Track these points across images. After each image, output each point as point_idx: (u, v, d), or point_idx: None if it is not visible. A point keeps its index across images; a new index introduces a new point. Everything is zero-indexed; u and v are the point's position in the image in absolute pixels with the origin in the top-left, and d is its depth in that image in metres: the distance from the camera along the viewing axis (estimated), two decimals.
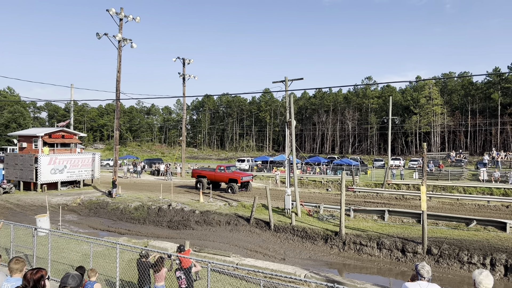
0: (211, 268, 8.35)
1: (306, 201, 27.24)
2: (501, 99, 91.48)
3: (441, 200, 30.16)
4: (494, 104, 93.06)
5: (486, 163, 51.46)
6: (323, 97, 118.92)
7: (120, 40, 33.49)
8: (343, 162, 54.81)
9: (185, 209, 25.77)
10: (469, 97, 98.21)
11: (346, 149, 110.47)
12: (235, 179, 33.53)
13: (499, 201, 28.43)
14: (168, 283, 10.10)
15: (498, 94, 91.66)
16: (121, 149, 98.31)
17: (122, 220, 26.23)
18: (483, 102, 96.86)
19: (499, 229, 19.45)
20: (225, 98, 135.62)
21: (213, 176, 34.76)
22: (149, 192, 33.88)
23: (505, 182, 37.40)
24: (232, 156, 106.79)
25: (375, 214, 23.44)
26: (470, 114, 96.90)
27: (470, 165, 59.16)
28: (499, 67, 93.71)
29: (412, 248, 17.17)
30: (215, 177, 34.68)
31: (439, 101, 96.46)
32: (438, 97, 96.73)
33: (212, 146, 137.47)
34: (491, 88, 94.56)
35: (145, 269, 9.49)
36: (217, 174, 34.59)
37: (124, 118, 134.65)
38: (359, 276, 15.49)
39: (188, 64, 47.68)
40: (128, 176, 49.55)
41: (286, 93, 25.69)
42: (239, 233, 21.82)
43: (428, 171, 42.54)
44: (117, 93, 33.59)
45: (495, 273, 14.76)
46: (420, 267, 5.16)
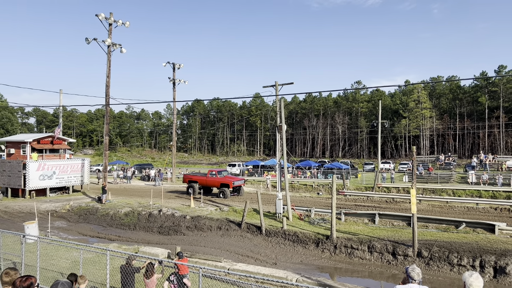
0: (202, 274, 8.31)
1: (297, 205, 27.25)
2: (488, 102, 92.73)
3: (431, 203, 30.40)
4: (481, 107, 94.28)
5: (474, 166, 52.07)
6: (313, 102, 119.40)
7: (110, 45, 33.33)
8: (333, 166, 55.06)
9: (176, 214, 25.63)
10: (457, 101, 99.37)
11: (337, 153, 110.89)
12: (227, 184, 33.42)
13: (487, 203, 28.75)
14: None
15: (485, 97, 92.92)
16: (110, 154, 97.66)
17: (112, 226, 25.99)
18: (470, 106, 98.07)
19: (488, 231, 19.66)
20: (216, 103, 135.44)
21: (205, 181, 34.62)
22: (139, 197, 33.64)
23: (493, 184, 37.87)
24: (223, 160, 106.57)
25: (365, 217, 23.54)
26: (458, 118, 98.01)
27: (459, 168, 59.77)
28: (486, 71, 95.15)
29: (403, 251, 17.27)
30: (206, 182, 34.53)
31: (428, 105, 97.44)
32: (427, 101, 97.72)
33: (202, 151, 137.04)
34: (479, 92, 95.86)
35: (130, 275, 9.34)
36: (209, 179, 34.45)
37: (113, 123, 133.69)
38: (351, 279, 15.53)
39: (178, 68, 47.61)
40: (118, 182, 49.16)
41: (277, 98, 25.76)
42: (230, 238, 21.75)
43: (417, 174, 42.90)
44: (107, 98, 33.39)
45: (484, 275, 14.89)
46: (411, 270, 5.19)
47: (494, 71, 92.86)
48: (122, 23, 33.98)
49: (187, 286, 9.51)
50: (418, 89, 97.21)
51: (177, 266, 9.80)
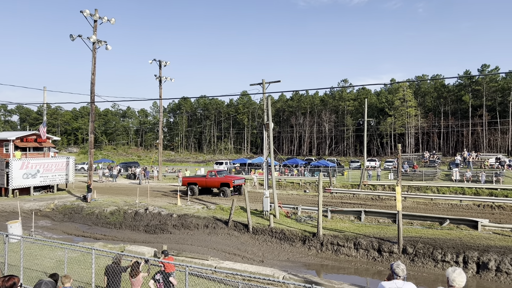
0: (189, 272, 8.28)
1: (284, 203, 27.34)
2: (471, 101, 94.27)
3: (416, 200, 30.79)
4: (465, 106, 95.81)
5: (458, 163, 52.85)
6: (300, 100, 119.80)
7: (95, 42, 32.93)
8: (320, 163, 55.32)
9: (163, 213, 25.48)
10: (441, 99, 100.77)
11: (323, 151, 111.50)
12: (227, 183, 33.02)
13: (471, 200, 29.23)
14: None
15: (469, 96, 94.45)
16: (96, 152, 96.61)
17: (98, 225, 25.74)
18: (455, 104, 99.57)
19: (471, 227, 20.01)
20: (203, 101, 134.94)
21: (204, 182, 34.24)
22: (125, 196, 33.36)
23: (476, 181, 38.49)
24: (210, 158, 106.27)
25: (352, 214, 23.74)
26: (443, 116, 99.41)
27: (443, 165, 60.62)
28: (470, 70, 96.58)
29: (388, 248, 17.46)
30: (206, 183, 34.11)
31: (413, 103, 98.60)
32: (412, 99, 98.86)
33: (189, 149, 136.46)
34: (462, 91, 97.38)
35: (116, 275, 9.25)
36: (209, 179, 34.04)
37: (99, 121, 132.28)
38: (337, 276, 15.65)
39: (164, 66, 47.31)
40: (103, 180, 48.65)
41: (264, 96, 25.78)
42: (217, 236, 21.72)
43: (403, 172, 43.40)
44: (92, 95, 32.98)
45: (467, 271, 15.15)
46: (395, 266, 5.25)
47: (478, 70, 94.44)
48: (107, 19, 33.59)
49: (173, 284, 9.46)
50: (403, 87, 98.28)
51: (163, 264, 9.75)
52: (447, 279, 4.74)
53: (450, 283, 4.69)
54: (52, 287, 4.71)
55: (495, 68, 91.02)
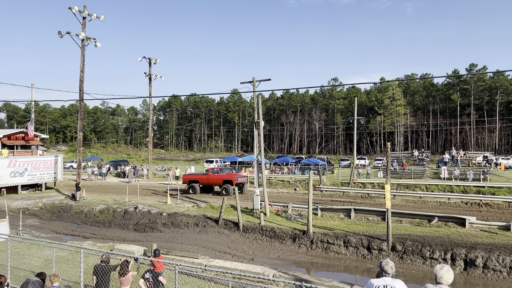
0: (179, 271, 8.26)
1: (275, 201, 27.40)
2: (460, 100, 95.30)
3: (405, 198, 31.06)
4: (453, 104, 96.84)
5: (446, 161, 53.40)
6: (291, 98, 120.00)
7: (84, 39, 32.60)
8: (310, 162, 55.52)
9: (152, 211, 25.37)
10: (430, 98, 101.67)
11: (314, 149, 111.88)
12: (230, 181, 32.53)
13: (458, 198, 29.59)
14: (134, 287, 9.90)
15: (457, 95, 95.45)
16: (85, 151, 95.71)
17: (87, 224, 25.54)
18: (443, 103, 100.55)
19: (459, 225, 20.25)
20: (193, 99, 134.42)
21: (206, 180, 33.77)
22: (114, 194, 33.13)
23: (464, 180, 38.95)
24: (200, 157, 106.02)
25: (341, 212, 23.87)
26: (432, 115, 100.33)
27: (432, 163, 61.17)
28: (458, 69, 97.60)
29: (378, 245, 17.59)
30: (208, 180, 33.65)
31: (402, 102, 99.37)
32: (401, 98, 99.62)
33: (179, 147, 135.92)
34: (451, 90, 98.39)
35: (105, 274, 9.18)
36: (210, 177, 33.60)
37: (88, 119, 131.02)
38: (327, 274, 15.72)
39: (154, 64, 47.06)
40: (92, 179, 48.30)
41: (254, 94, 25.78)
42: (207, 234, 21.69)
43: (392, 170, 43.74)
44: (81, 93, 32.65)
45: (455, 267, 15.33)
46: (384, 263, 5.29)
47: (466, 69, 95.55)
48: (96, 16, 33.26)
49: (162, 283, 9.42)
50: (393, 86, 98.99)
51: (153, 263, 9.69)
52: (435, 276, 4.79)
53: (438, 280, 4.74)
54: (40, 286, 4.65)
55: (483, 67, 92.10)
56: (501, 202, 27.70)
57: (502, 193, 31.60)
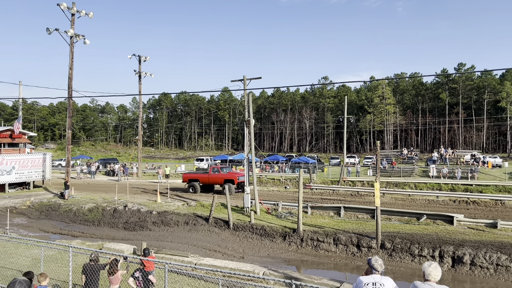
0: (168, 269, 8.23)
1: (265, 199, 27.41)
2: (448, 99, 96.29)
3: (394, 196, 31.31)
4: (442, 103, 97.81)
5: (435, 160, 53.90)
6: (281, 96, 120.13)
7: (72, 36, 32.26)
8: (300, 160, 55.70)
9: (142, 210, 25.23)
10: (419, 97, 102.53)
11: (304, 148, 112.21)
12: (232, 180, 31.97)
13: (447, 196, 29.91)
14: (124, 286, 9.85)
15: (446, 94, 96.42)
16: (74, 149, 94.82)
17: (76, 223, 25.32)
18: (432, 102, 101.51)
19: (447, 222, 20.48)
20: (183, 97, 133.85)
21: (207, 179, 33.07)
22: (103, 193, 32.88)
23: (452, 178, 39.39)
24: (190, 155, 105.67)
25: (331, 210, 23.98)
26: (421, 113, 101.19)
27: (421, 162, 61.72)
28: (447, 68, 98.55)
29: (367, 243, 17.71)
30: (208, 179, 32.94)
31: (392, 101, 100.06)
32: (391, 97, 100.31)
33: (170, 145, 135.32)
34: (440, 89, 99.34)
35: (94, 273, 9.10)
36: (211, 176, 32.89)
37: (77, 117, 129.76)
38: (317, 271, 15.80)
39: (144, 61, 46.75)
40: (81, 177, 47.87)
41: (245, 92, 25.73)
42: (197, 233, 21.64)
43: (381, 168, 44.06)
44: (69, 90, 32.34)
45: (443, 265, 15.50)
46: (373, 261, 5.33)
47: (454, 68, 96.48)
48: (85, 13, 32.94)
49: (152, 282, 9.38)
50: (382, 85, 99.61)
51: (142, 262, 9.64)
52: (423, 273, 4.84)
53: (426, 277, 4.79)
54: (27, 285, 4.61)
55: (471, 66, 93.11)
56: (488, 200, 28.06)
57: (489, 191, 32.04)
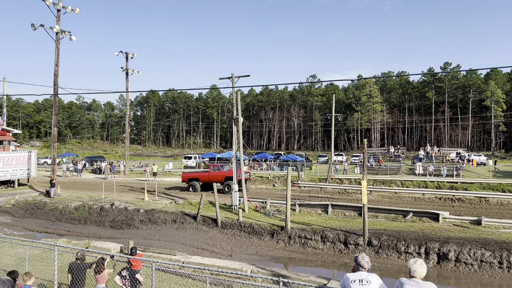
0: (156, 268, 8.19)
1: (253, 197, 27.44)
2: (434, 97, 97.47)
3: (381, 193, 31.59)
4: (428, 102, 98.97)
5: (421, 158, 54.49)
6: (270, 95, 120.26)
7: (58, 32, 31.80)
8: (289, 158, 55.83)
9: (129, 208, 25.04)
10: (406, 96, 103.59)
11: (292, 145, 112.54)
12: (232, 177, 31.80)
13: (432, 193, 30.28)
14: (110, 284, 9.77)
15: (432, 93, 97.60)
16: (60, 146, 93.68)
17: (62, 221, 25.02)
18: (419, 100, 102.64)
19: (433, 219, 20.74)
20: (171, 94, 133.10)
21: (207, 177, 32.35)
22: (90, 191, 32.56)
23: (438, 175, 39.85)
24: (178, 153, 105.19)
25: (319, 208, 24.10)
26: (407, 112, 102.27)
27: (407, 160, 62.34)
28: (433, 67, 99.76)
29: (354, 240, 17.85)
30: (209, 178, 32.12)
31: (379, 99, 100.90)
32: (378, 95, 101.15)
33: (157, 143, 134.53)
34: (426, 87, 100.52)
35: (81, 271, 9.00)
36: (211, 174, 32.25)
37: (63, 114, 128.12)
38: (304, 269, 15.87)
39: (131, 58, 46.35)
40: (67, 175, 47.32)
41: (233, 90, 25.68)
42: (185, 231, 21.56)
43: (368, 166, 44.40)
44: (55, 87, 31.89)
45: (429, 261, 15.70)
46: (360, 258, 5.38)
47: (440, 67, 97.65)
48: (71, 9, 32.49)
49: (139, 281, 9.32)
50: (370, 83, 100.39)
51: (129, 261, 9.57)
52: (409, 270, 4.90)
53: (411, 273, 4.85)
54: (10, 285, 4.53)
55: (457, 66, 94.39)
56: (473, 197, 28.51)
57: (474, 188, 32.51)
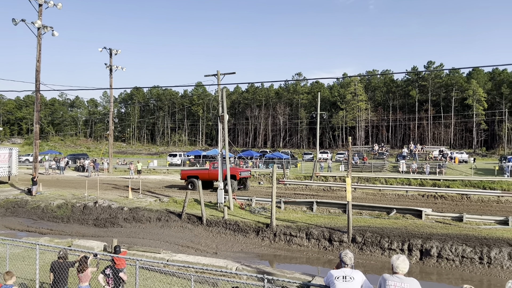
0: (140, 266, 8.12)
1: (239, 194, 27.43)
2: (418, 96, 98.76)
3: (365, 190, 31.91)
4: (412, 100, 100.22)
5: (405, 155, 55.29)
6: (256, 92, 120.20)
7: (40, 28, 31.21)
8: (274, 156, 55.97)
9: (113, 206, 24.79)
10: (390, 94, 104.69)
11: (278, 143, 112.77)
12: (233, 176, 30.58)
13: (416, 190, 30.72)
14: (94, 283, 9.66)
15: (416, 91, 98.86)
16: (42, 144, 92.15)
17: (44, 220, 24.63)
18: (402, 99, 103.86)
19: (416, 216, 21.03)
20: (156, 91, 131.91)
21: (207, 175, 31.61)
22: (73, 189, 32.12)
23: (421, 173, 40.49)
24: (163, 150, 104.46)
25: (304, 205, 24.23)
26: (391, 110, 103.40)
27: (391, 157, 63.13)
28: (417, 66, 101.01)
29: (339, 237, 18.00)
30: (209, 175, 31.42)
31: (364, 97, 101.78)
32: (363, 94, 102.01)
33: (142, 141, 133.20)
34: (410, 86, 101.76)
35: (63, 270, 8.87)
36: (211, 171, 31.32)
37: (45, 111, 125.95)
38: (289, 266, 15.94)
39: (115, 54, 45.79)
40: (50, 173, 46.59)
41: (219, 87, 25.59)
42: (170, 229, 21.45)
43: (353, 164, 44.79)
44: (37, 84, 31.31)
45: (412, 257, 15.93)
46: (343, 255, 5.43)
47: (424, 66, 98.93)
48: (53, 4, 31.89)
49: (123, 279, 9.23)
50: (355, 82, 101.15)
51: (113, 259, 9.47)
52: (392, 266, 4.96)
53: (394, 269, 4.91)
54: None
55: (440, 65, 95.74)
56: (455, 194, 29.01)
57: (456, 185, 33.10)
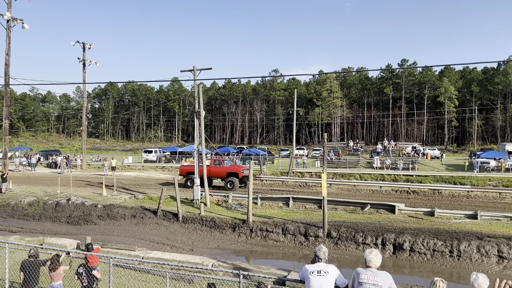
0: (114, 263, 8.01)
1: (215, 191, 27.34)
2: (392, 93, 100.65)
3: (340, 186, 32.36)
4: (386, 98, 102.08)
5: (379, 152, 56.25)
6: (233, 88, 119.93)
7: (9, 20, 30.21)
8: (251, 152, 56.07)
9: (86, 203, 24.32)
10: (365, 91, 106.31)
11: (255, 140, 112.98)
12: (235, 173, 30.31)
13: (389, 186, 31.37)
14: (66, 282, 9.48)
15: (390, 88, 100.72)
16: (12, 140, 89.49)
17: (14, 217, 23.95)
18: (377, 96, 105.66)
19: (389, 211, 21.49)
20: (130, 86, 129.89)
21: (208, 172, 29.93)
22: (45, 186, 31.32)
23: (395, 169, 41.31)
24: (138, 147, 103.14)
25: (280, 201, 24.39)
26: (366, 107, 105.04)
27: (366, 153, 64.15)
28: (391, 64, 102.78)
29: (314, 233, 18.20)
30: (209, 172, 29.98)
31: (339, 94, 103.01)
32: (339, 91, 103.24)
33: (116, 137, 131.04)
34: (384, 83, 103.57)
35: (34, 269, 8.64)
36: (212, 169, 30.71)
37: (15, 106, 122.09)
38: (265, 261, 16.03)
39: (89, 49, 44.75)
40: (20, 170, 45.30)
41: (195, 83, 25.41)
42: (145, 226, 21.22)
43: (328, 160, 45.31)
44: (6, 78, 30.31)
45: (385, 252, 16.26)
46: (317, 250, 5.50)
47: (398, 64, 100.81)
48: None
49: (96, 277, 9.08)
50: (330, 79, 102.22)
51: (86, 257, 9.31)
52: (365, 260, 5.05)
53: (367, 263, 5.00)
54: None
55: (413, 63, 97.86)
56: (427, 190, 29.78)
57: (428, 181, 33.94)
